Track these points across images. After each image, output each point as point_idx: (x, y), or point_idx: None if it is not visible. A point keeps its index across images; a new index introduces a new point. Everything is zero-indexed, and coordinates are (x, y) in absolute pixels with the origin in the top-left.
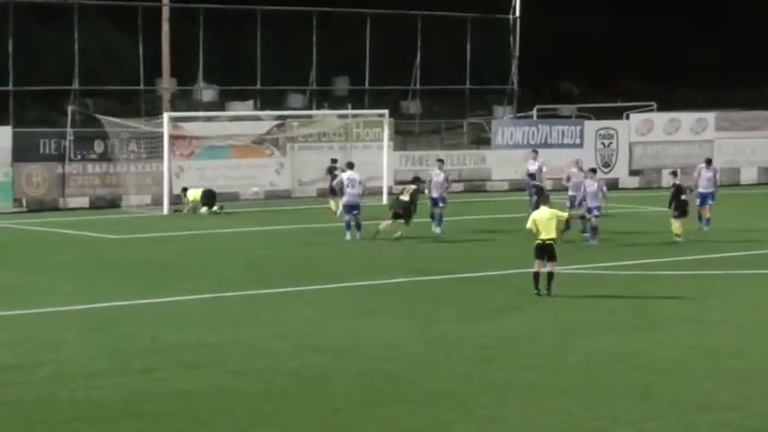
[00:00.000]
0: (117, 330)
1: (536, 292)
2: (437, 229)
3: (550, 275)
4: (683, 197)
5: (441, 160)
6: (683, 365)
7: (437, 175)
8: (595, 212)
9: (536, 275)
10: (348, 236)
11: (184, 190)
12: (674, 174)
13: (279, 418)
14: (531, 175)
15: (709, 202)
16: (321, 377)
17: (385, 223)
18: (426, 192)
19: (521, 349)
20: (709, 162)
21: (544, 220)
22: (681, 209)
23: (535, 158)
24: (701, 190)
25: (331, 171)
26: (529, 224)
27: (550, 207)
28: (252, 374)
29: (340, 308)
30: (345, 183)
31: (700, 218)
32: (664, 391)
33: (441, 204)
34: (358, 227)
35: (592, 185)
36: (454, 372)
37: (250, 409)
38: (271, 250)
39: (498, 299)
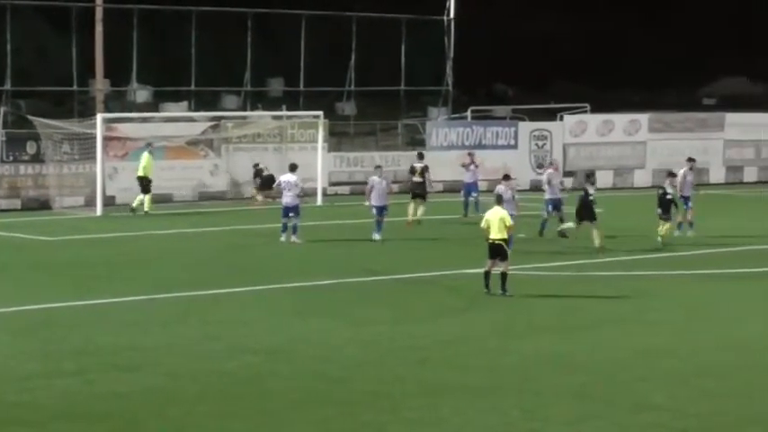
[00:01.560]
0: (49, 332)
1: (486, 291)
2: (377, 236)
3: (503, 276)
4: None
5: (379, 166)
6: (618, 366)
7: (379, 183)
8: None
9: (486, 274)
10: (283, 237)
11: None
12: (673, 175)
13: (212, 419)
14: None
15: (690, 204)
16: (255, 378)
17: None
18: (367, 202)
19: (457, 350)
20: (692, 161)
21: (495, 220)
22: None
23: (471, 160)
24: (686, 194)
25: (259, 173)
26: (483, 223)
27: (503, 208)
28: (186, 376)
29: (275, 309)
30: (283, 185)
31: (680, 225)
32: (599, 391)
33: (385, 212)
34: (294, 229)
35: (506, 192)
36: (390, 373)
37: (184, 411)
38: (205, 252)
39: (434, 300)
